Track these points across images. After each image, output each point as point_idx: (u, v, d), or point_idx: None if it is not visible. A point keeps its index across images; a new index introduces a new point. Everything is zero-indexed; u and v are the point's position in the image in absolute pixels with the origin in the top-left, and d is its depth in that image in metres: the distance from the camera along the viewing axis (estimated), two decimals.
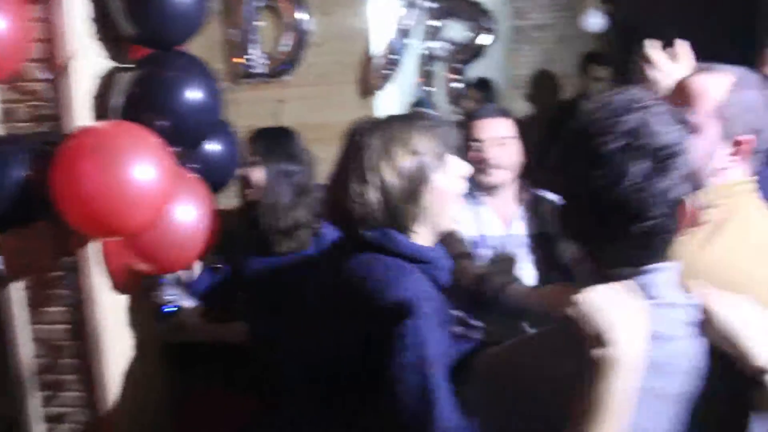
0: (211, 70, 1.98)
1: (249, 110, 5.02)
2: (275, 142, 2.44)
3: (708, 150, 1.45)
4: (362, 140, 1.50)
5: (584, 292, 1.08)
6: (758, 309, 1.12)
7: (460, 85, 4.88)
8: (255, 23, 4.83)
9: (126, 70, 1.95)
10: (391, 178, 1.46)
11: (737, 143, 1.44)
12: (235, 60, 4.95)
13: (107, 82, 1.95)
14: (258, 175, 2.38)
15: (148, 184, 1.73)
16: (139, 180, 1.72)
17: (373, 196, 1.46)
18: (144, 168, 1.72)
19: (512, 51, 5.17)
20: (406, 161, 1.47)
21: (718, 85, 1.46)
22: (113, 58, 2.02)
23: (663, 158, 1.03)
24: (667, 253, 1.10)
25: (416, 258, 1.45)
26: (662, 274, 1.10)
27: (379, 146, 1.47)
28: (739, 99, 1.43)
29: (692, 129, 1.43)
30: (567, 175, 1.14)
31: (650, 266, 1.09)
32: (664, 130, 1.04)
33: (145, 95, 1.84)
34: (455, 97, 4.87)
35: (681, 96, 1.51)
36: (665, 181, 1.03)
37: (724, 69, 1.49)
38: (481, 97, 4.54)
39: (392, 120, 1.56)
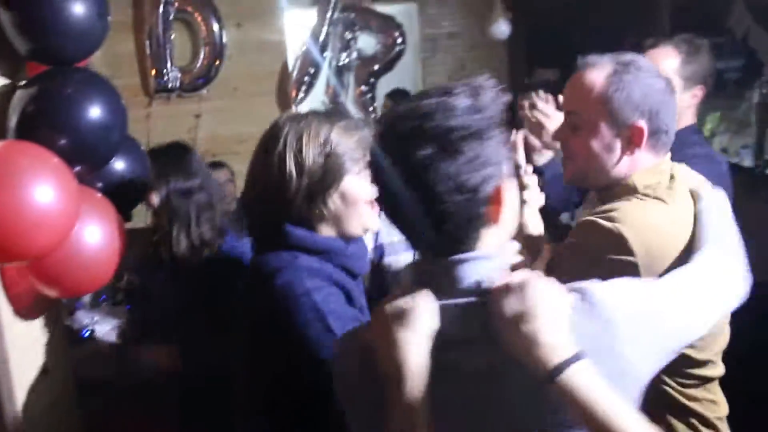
0: (112, 87, 1.93)
1: (164, 125, 4.94)
2: (168, 162, 2.39)
3: (604, 143, 1.48)
4: (277, 133, 1.48)
5: (375, 311, 1.10)
6: (554, 295, 1.04)
7: (369, 96, 4.93)
8: (168, 37, 4.76)
9: (22, 87, 1.87)
10: (296, 173, 1.43)
11: (631, 130, 1.46)
12: (149, 74, 4.86)
13: (2, 101, 1.88)
14: (155, 198, 2.34)
15: (49, 206, 1.67)
16: (38, 202, 1.65)
17: (277, 190, 1.44)
18: (44, 189, 1.66)
19: (425, 59, 5.24)
20: (316, 158, 1.43)
21: (596, 79, 1.47)
22: (8, 75, 1.94)
23: (451, 141, 1.01)
24: (477, 242, 1.07)
25: (314, 250, 1.43)
26: (476, 265, 1.07)
27: (292, 140, 1.45)
28: (620, 86, 1.45)
29: (584, 126, 1.49)
30: (371, 165, 1.14)
31: (461, 257, 1.06)
32: (456, 113, 1.02)
33: (42, 113, 1.78)
34: (366, 108, 4.91)
35: (568, 98, 1.55)
36: (453, 165, 1.00)
37: (605, 59, 1.50)
38: None
39: (312, 115, 1.52)
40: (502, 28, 4.74)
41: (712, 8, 4.07)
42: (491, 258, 1.08)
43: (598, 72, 1.48)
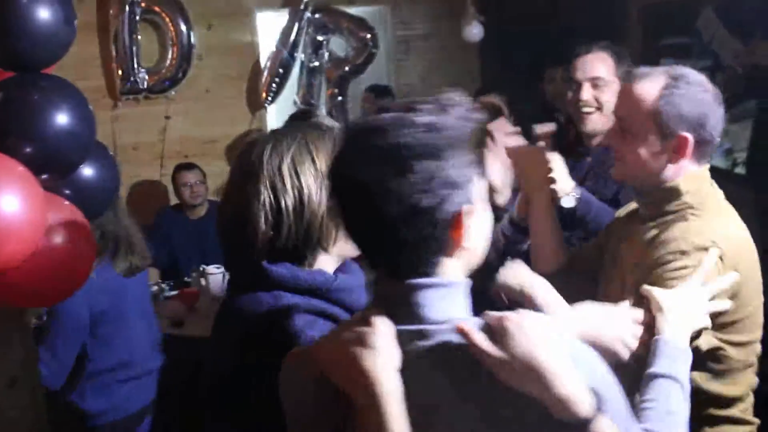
0: (80, 93, 1.89)
1: (133, 127, 4.88)
2: None
3: (651, 152, 1.56)
4: (262, 155, 1.28)
5: (329, 336, 1.07)
6: (562, 340, 0.99)
7: (339, 98, 4.92)
8: (134, 38, 4.69)
9: None
10: (294, 208, 1.26)
11: (678, 141, 1.54)
12: (114, 76, 4.79)
13: None
14: None
15: (14, 216, 1.64)
16: (3, 212, 1.62)
17: (273, 219, 1.26)
18: (8, 199, 1.63)
19: (398, 61, 5.23)
20: (317, 187, 1.27)
21: (649, 89, 1.55)
22: None
23: (402, 159, 0.95)
24: (436, 267, 1.03)
25: (296, 288, 1.28)
26: (436, 293, 1.02)
27: (285, 161, 1.27)
28: (671, 100, 1.53)
29: (634, 134, 1.57)
30: (329, 176, 1.10)
31: (419, 281, 1.02)
32: (411, 130, 0.97)
33: (7, 121, 1.74)
34: (337, 109, 4.90)
35: (621, 106, 1.63)
36: (403, 184, 0.95)
37: (657, 71, 1.59)
38: (378, 103, 4.55)
39: (298, 130, 1.33)
40: (474, 31, 4.74)
41: (682, 10, 4.12)
42: (452, 286, 1.04)
43: (650, 84, 1.56)
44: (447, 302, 1.03)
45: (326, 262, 1.33)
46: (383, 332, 1.00)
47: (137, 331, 2.67)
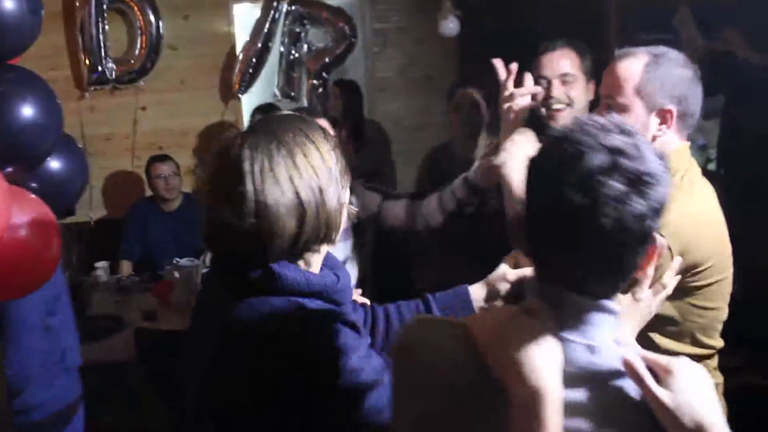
0: (47, 85, 1.86)
1: (106, 118, 4.82)
2: None
3: (639, 123, 1.65)
4: (249, 153, 1.21)
5: (496, 319, 1.07)
6: (704, 377, 1.01)
7: (320, 90, 4.88)
8: (101, 27, 4.62)
9: None
10: (313, 192, 1.22)
11: (662, 113, 1.65)
12: (82, 66, 4.71)
13: None
14: None
15: None
16: None
17: (297, 217, 1.21)
18: None
19: (375, 54, 5.21)
20: (325, 170, 1.24)
21: (634, 67, 1.67)
22: None
23: (643, 183, 0.98)
24: (616, 291, 1.06)
25: (308, 292, 1.25)
26: (607, 318, 1.05)
27: (297, 155, 1.21)
28: (654, 75, 1.65)
29: (621, 109, 1.65)
30: (540, 185, 1.07)
31: (603, 303, 1.04)
32: (647, 157, 1.00)
33: None
34: (317, 101, 4.86)
35: (607, 84, 1.72)
36: (640, 207, 0.98)
37: (640, 51, 1.70)
38: (343, 97, 4.50)
39: (288, 122, 1.27)
40: (450, 25, 4.73)
41: (660, 6, 4.15)
42: (617, 314, 1.06)
43: (634, 61, 1.67)
44: (609, 328, 1.05)
45: (320, 257, 1.31)
46: (556, 336, 1.02)
47: (72, 319, 2.59)
